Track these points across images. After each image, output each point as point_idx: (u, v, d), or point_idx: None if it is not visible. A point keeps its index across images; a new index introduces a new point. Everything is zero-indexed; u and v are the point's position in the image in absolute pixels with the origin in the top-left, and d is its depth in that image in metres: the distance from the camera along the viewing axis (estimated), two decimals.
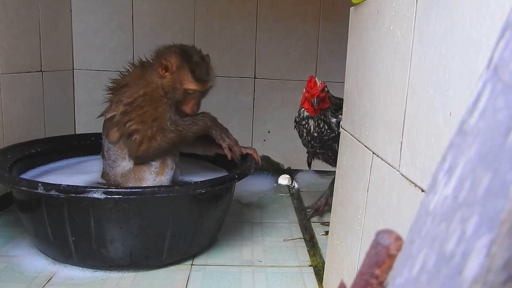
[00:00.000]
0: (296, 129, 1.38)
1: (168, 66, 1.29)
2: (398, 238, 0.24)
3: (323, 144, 1.33)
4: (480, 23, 0.42)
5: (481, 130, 0.19)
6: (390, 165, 0.65)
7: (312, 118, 1.30)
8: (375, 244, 0.24)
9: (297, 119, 1.36)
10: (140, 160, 1.30)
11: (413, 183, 0.56)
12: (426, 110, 0.53)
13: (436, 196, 0.20)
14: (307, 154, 1.50)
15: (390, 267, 0.23)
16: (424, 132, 0.53)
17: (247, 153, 1.39)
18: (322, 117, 1.30)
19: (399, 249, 0.23)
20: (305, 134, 1.34)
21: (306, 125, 1.32)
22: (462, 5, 0.46)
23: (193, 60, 1.31)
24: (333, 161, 1.35)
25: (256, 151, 1.42)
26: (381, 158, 0.70)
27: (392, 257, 0.23)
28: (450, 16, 0.48)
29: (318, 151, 1.39)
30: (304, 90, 1.30)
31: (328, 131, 1.30)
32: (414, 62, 0.58)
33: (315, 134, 1.31)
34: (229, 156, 1.34)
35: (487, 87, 0.20)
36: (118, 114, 1.28)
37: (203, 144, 1.44)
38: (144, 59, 1.38)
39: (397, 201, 0.62)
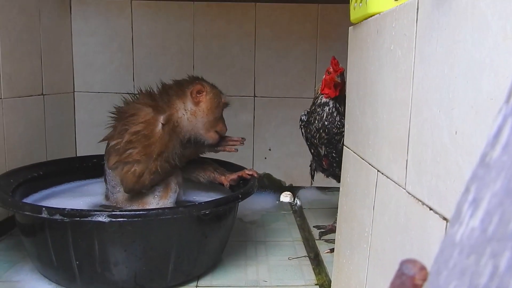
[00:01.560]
0: (302, 127, 1.41)
1: (201, 89, 1.30)
2: (423, 268, 0.24)
3: (330, 139, 1.32)
4: (482, 44, 0.43)
5: (506, 164, 0.19)
6: (396, 183, 0.65)
7: (328, 105, 1.32)
8: (400, 274, 0.24)
9: (311, 108, 1.38)
10: (133, 192, 1.28)
11: (420, 201, 0.56)
12: (431, 129, 0.54)
13: (462, 227, 0.20)
14: (309, 167, 1.50)
15: None
16: (430, 151, 0.54)
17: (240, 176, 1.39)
18: (337, 106, 1.31)
19: (424, 279, 0.23)
20: (316, 121, 1.34)
21: (321, 112, 1.33)
22: (463, 26, 0.47)
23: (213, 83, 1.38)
24: (337, 165, 1.35)
25: (245, 172, 1.41)
26: (386, 176, 0.70)
27: (417, 287, 0.23)
28: (451, 36, 0.49)
29: (323, 152, 1.37)
30: (325, 75, 1.33)
31: (339, 123, 1.30)
32: (417, 81, 0.59)
33: (326, 123, 1.32)
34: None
35: (508, 122, 0.21)
36: (123, 142, 1.26)
37: (196, 170, 1.44)
38: (148, 87, 1.36)
39: (404, 219, 0.62)
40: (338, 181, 1.36)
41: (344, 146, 1.01)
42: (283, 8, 1.98)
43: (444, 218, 0.49)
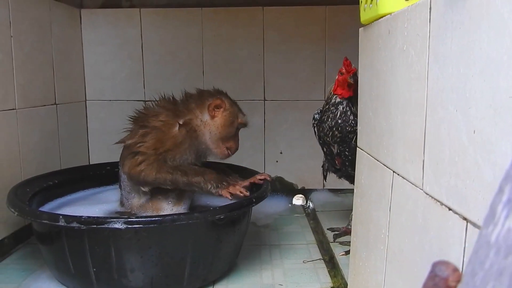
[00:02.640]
0: (315, 126, 1.42)
1: (220, 104, 1.31)
2: (456, 270, 0.24)
3: (344, 137, 1.32)
4: (498, 42, 0.43)
5: None
6: (413, 184, 0.65)
7: (342, 104, 1.33)
8: (433, 275, 0.24)
9: (324, 107, 1.39)
10: (130, 180, 1.30)
11: (438, 201, 0.56)
12: (448, 129, 0.53)
13: (497, 228, 0.20)
14: (322, 167, 1.50)
15: None
16: (447, 150, 0.54)
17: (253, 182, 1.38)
18: (350, 105, 1.32)
19: (458, 281, 0.23)
20: (329, 120, 1.34)
21: (334, 110, 1.34)
22: (478, 24, 0.47)
23: (233, 100, 1.38)
24: (350, 164, 1.34)
25: (257, 178, 1.39)
26: (402, 177, 0.70)
27: None
28: (466, 35, 0.49)
29: (335, 150, 1.37)
30: (337, 76, 1.34)
31: (353, 122, 1.30)
32: (431, 81, 0.59)
33: (340, 121, 1.32)
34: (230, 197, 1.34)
35: None
36: (137, 136, 1.28)
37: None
38: (170, 95, 1.38)
39: (422, 220, 0.61)
40: (351, 182, 1.36)
41: (357, 148, 1.01)
42: (290, 11, 1.99)
43: (464, 218, 0.49)
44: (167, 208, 1.30)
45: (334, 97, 1.34)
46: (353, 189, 1.04)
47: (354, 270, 1.01)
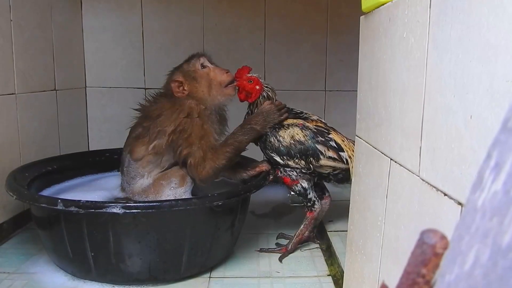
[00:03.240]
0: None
1: (179, 82, 1.33)
2: (444, 237, 0.24)
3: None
4: (497, 27, 0.43)
5: None
6: (410, 171, 0.65)
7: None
8: (420, 243, 0.24)
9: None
10: (205, 183, 1.32)
11: (434, 187, 0.56)
12: (445, 115, 0.54)
13: (483, 193, 0.20)
14: None
15: (436, 266, 0.23)
16: (444, 137, 0.54)
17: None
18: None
19: (445, 248, 0.23)
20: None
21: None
22: (477, 10, 0.47)
23: (184, 62, 1.39)
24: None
25: (260, 167, 1.41)
26: (400, 164, 0.70)
27: (438, 256, 0.23)
28: (466, 21, 0.49)
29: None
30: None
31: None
32: (430, 68, 0.59)
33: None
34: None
35: None
36: (165, 143, 1.29)
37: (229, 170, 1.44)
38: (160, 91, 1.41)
39: (418, 206, 0.62)
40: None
41: (356, 136, 1.01)
42: (293, 1, 1.98)
43: (459, 203, 0.49)
44: (170, 194, 1.31)
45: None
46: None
47: (350, 258, 1.02)
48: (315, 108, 2.01)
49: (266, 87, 1.37)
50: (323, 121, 1.40)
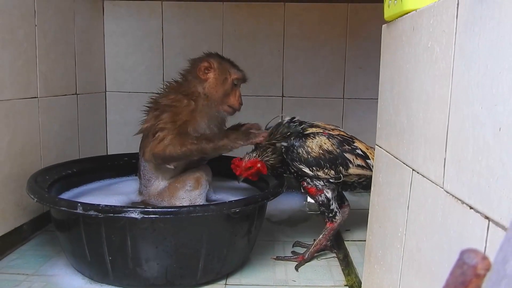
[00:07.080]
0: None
1: (209, 66, 1.33)
2: (485, 257, 0.23)
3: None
4: None
5: None
6: (433, 182, 0.64)
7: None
8: (461, 263, 0.23)
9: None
10: (155, 160, 1.30)
11: (459, 200, 0.55)
12: (472, 126, 0.52)
13: None
14: None
15: (477, 287, 0.22)
16: (471, 148, 0.52)
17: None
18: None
19: (487, 269, 0.22)
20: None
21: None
22: (508, 19, 0.46)
23: (227, 58, 1.40)
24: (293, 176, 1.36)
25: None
26: (422, 175, 0.69)
27: (479, 277, 0.22)
28: (496, 30, 0.48)
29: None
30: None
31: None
32: (456, 78, 0.58)
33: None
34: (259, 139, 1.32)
35: None
36: (152, 119, 1.31)
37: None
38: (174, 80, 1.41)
39: (441, 218, 0.60)
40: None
41: (376, 146, 1.00)
42: (312, 8, 1.97)
43: (486, 217, 0.48)
44: (185, 196, 1.31)
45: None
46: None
47: (368, 268, 1.00)
48: (332, 115, 2.00)
49: (265, 157, 1.32)
50: (342, 129, 1.39)
